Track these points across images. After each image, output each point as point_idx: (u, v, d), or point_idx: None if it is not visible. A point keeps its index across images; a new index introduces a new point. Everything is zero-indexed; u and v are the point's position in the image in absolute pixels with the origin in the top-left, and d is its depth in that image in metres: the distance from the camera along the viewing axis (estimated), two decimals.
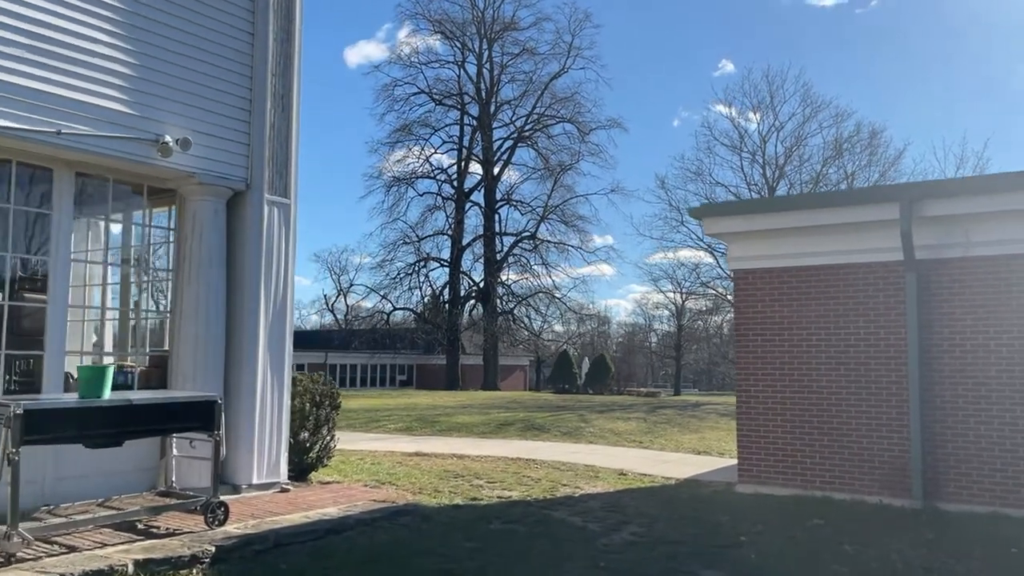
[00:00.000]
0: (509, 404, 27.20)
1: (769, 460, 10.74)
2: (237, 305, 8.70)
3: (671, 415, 23.35)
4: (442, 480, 10.50)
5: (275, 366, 8.90)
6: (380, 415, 21.41)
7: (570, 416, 21.61)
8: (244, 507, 7.71)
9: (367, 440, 16.03)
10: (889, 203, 9.80)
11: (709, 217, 11.44)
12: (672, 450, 15.95)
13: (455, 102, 52.73)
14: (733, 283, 11.70)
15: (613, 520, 8.39)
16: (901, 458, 9.73)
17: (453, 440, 16.41)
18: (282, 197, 8.94)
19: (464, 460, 12.97)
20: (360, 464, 11.46)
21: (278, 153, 8.84)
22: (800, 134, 42.58)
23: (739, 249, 11.27)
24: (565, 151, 52.15)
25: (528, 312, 54.25)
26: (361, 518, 7.52)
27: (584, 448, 15.64)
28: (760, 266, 11.03)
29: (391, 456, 13.07)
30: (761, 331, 10.95)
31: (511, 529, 7.62)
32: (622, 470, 12.47)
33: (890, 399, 9.91)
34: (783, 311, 10.81)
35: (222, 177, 8.54)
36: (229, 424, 7.88)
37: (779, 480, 10.63)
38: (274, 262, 8.90)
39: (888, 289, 10.05)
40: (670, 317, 76.45)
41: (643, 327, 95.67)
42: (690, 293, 54.81)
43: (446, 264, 53.41)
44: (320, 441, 9.64)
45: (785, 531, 8.04)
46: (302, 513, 7.62)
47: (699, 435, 18.68)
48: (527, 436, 17.41)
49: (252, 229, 8.73)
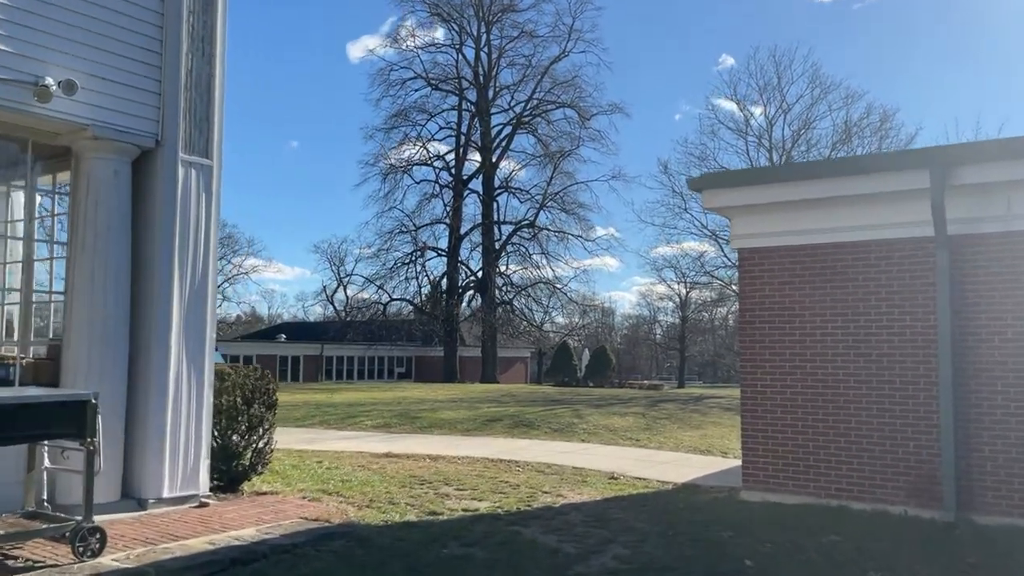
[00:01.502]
0: (502, 398, 25.90)
1: (777, 464, 9.44)
2: (145, 284, 7.37)
3: (672, 410, 22.03)
4: (403, 488, 9.17)
5: (193, 357, 7.56)
6: (360, 410, 20.09)
7: (564, 411, 20.29)
8: (141, 529, 6.39)
9: (337, 439, 14.71)
10: (918, 169, 8.52)
11: (710, 189, 10.07)
12: (671, 449, 14.64)
13: (453, 87, 51.29)
14: (737, 264, 10.36)
15: (594, 539, 7.09)
16: (930, 463, 8.44)
17: (432, 438, 15.09)
18: (202, 157, 7.57)
19: (438, 462, 11.66)
20: (313, 469, 10.14)
21: (197, 105, 7.47)
22: (808, 117, 40.91)
23: (744, 225, 9.93)
24: (565, 137, 50.74)
25: (528, 303, 52.85)
26: (280, 543, 6.17)
27: (575, 447, 14.32)
28: (768, 244, 9.72)
29: (356, 458, 11.76)
30: (769, 318, 9.63)
31: (467, 555, 6.28)
32: (613, 473, 11.16)
33: (917, 394, 8.62)
34: (794, 295, 9.49)
35: (124, 131, 7.18)
36: (133, 427, 6.62)
37: (789, 486, 9.33)
38: (191, 233, 7.55)
39: (916, 269, 8.74)
40: (674, 309, 75.22)
41: (647, 319, 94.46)
42: (694, 284, 53.33)
43: (444, 253, 52.06)
44: (253, 445, 8.30)
45: (798, 551, 6.76)
46: (209, 537, 6.29)
47: (701, 432, 17.36)
48: (515, 434, 16.09)
49: (164, 194, 7.38)
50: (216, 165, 7.74)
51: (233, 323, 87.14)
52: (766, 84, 41.62)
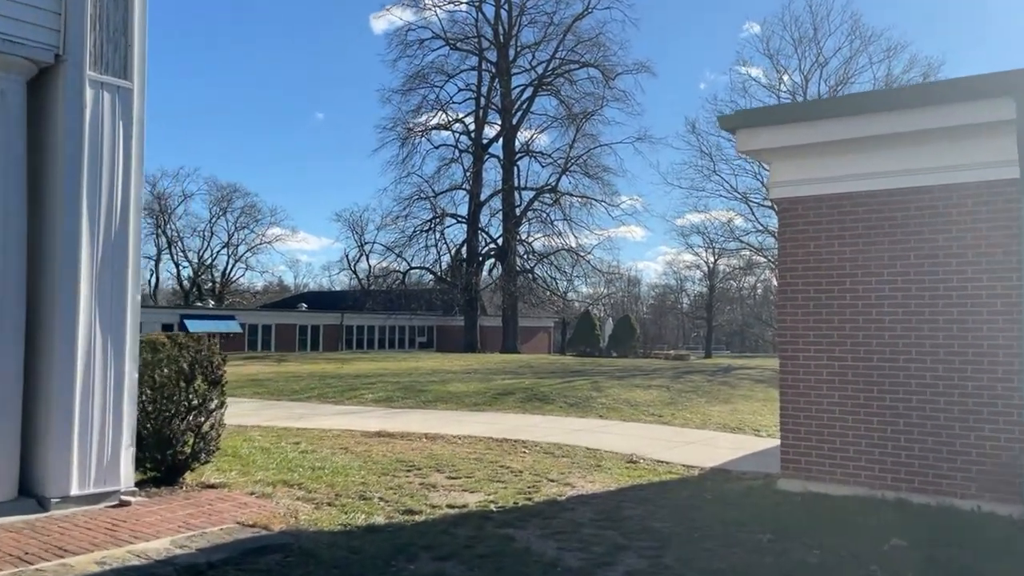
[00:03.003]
0: (519, 369, 24.65)
1: (822, 448, 8.10)
2: (45, 232, 6.09)
3: (698, 382, 20.69)
4: (383, 477, 7.90)
5: (109, 322, 6.28)
6: (365, 382, 18.89)
7: (582, 383, 18.99)
8: (27, 540, 5.13)
9: (331, 415, 13.51)
10: (999, 98, 7.04)
11: (746, 128, 8.60)
12: (698, 426, 13.31)
13: (472, 47, 49.42)
14: (777, 216, 8.95)
15: (604, 545, 5.81)
16: (1009, 449, 7.12)
17: (435, 414, 13.84)
18: (117, 77, 6.21)
19: (435, 443, 10.42)
20: (285, 453, 8.88)
21: (110, 12, 6.09)
22: (846, 72, 38.35)
23: (785, 171, 8.51)
24: (589, 98, 48.68)
25: (550, 271, 51.30)
26: (192, 562, 4.89)
27: (591, 425, 13.03)
28: (813, 192, 8.32)
29: (342, 438, 10.53)
30: (815, 279, 8.24)
31: (438, 573, 4.99)
32: (632, 455, 9.87)
33: (995, 368, 7.26)
34: (845, 252, 8.09)
35: (13, 41, 5.84)
36: (34, 409, 5.36)
37: (836, 475, 8.00)
38: (104, 170, 6.24)
39: (995, 219, 7.36)
40: (701, 278, 73.47)
41: (674, 288, 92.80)
42: (723, 250, 51.35)
43: (463, 220, 50.59)
44: (197, 429, 7.05)
45: (855, 563, 5.45)
46: (105, 552, 5.01)
47: (730, 406, 16.01)
48: (527, 408, 14.80)
49: (67, 121, 6.07)
50: (138, 88, 6.36)
51: (259, 293, 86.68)
52: (801, 37, 39.17)
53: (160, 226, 75.60)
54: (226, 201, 76.45)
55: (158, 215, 75.11)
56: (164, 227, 75.89)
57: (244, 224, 76.84)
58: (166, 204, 75.13)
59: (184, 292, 77.38)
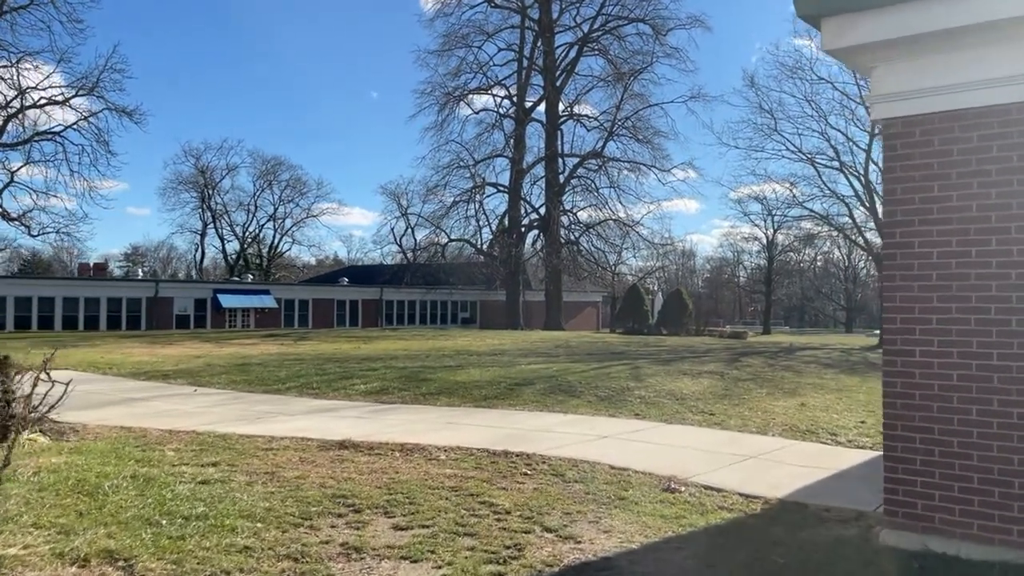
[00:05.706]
0: (553, 349, 22.08)
1: (951, 488, 5.47)
2: None
3: (758, 367, 17.90)
4: (287, 532, 5.25)
5: None
6: (366, 368, 16.43)
7: (620, 370, 16.31)
8: None
9: (299, 414, 10.97)
10: None
11: (839, 15, 5.79)
12: (758, 428, 10.62)
13: (515, 4, 46.41)
14: (883, 145, 6.21)
15: None
16: None
17: (429, 413, 11.29)
18: None
19: (409, 459, 7.91)
20: (165, 487, 6.06)
21: None
22: None
23: (895, 77, 5.78)
24: (637, 56, 45.40)
25: (596, 243, 48.32)
26: None
27: (622, 428, 10.40)
28: (938, 108, 5.62)
29: (287, 452, 8.03)
30: (939, 235, 5.54)
31: None
32: (671, 480, 7.27)
33: None
34: (988, 194, 5.38)
35: None
36: None
37: (972, 528, 5.38)
38: None
39: None
40: (759, 251, 69.74)
41: (731, 261, 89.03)
42: (783, 220, 47.49)
43: (504, 189, 47.93)
44: None
45: None
46: None
47: (797, 400, 13.21)
48: (546, 404, 12.19)
49: None
50: None
51: (310, 267, 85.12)
52: None
53: (205, 200, 74.47)
54: (271, 174, 74.91)
55: (203, 188, 73.95)
56: (209, 201, 74.74)
57: (289, 198, 75.20)
58: (211, 177, 73.93)
59: (229, 266, 76.24)
